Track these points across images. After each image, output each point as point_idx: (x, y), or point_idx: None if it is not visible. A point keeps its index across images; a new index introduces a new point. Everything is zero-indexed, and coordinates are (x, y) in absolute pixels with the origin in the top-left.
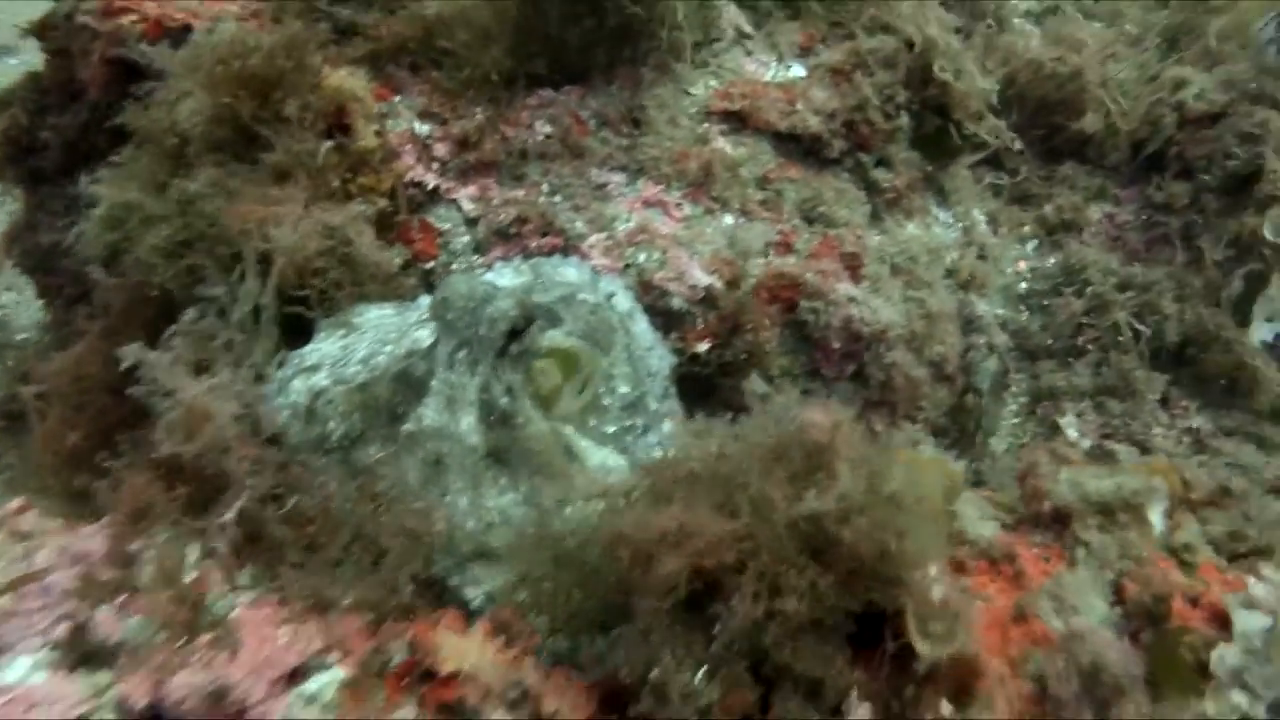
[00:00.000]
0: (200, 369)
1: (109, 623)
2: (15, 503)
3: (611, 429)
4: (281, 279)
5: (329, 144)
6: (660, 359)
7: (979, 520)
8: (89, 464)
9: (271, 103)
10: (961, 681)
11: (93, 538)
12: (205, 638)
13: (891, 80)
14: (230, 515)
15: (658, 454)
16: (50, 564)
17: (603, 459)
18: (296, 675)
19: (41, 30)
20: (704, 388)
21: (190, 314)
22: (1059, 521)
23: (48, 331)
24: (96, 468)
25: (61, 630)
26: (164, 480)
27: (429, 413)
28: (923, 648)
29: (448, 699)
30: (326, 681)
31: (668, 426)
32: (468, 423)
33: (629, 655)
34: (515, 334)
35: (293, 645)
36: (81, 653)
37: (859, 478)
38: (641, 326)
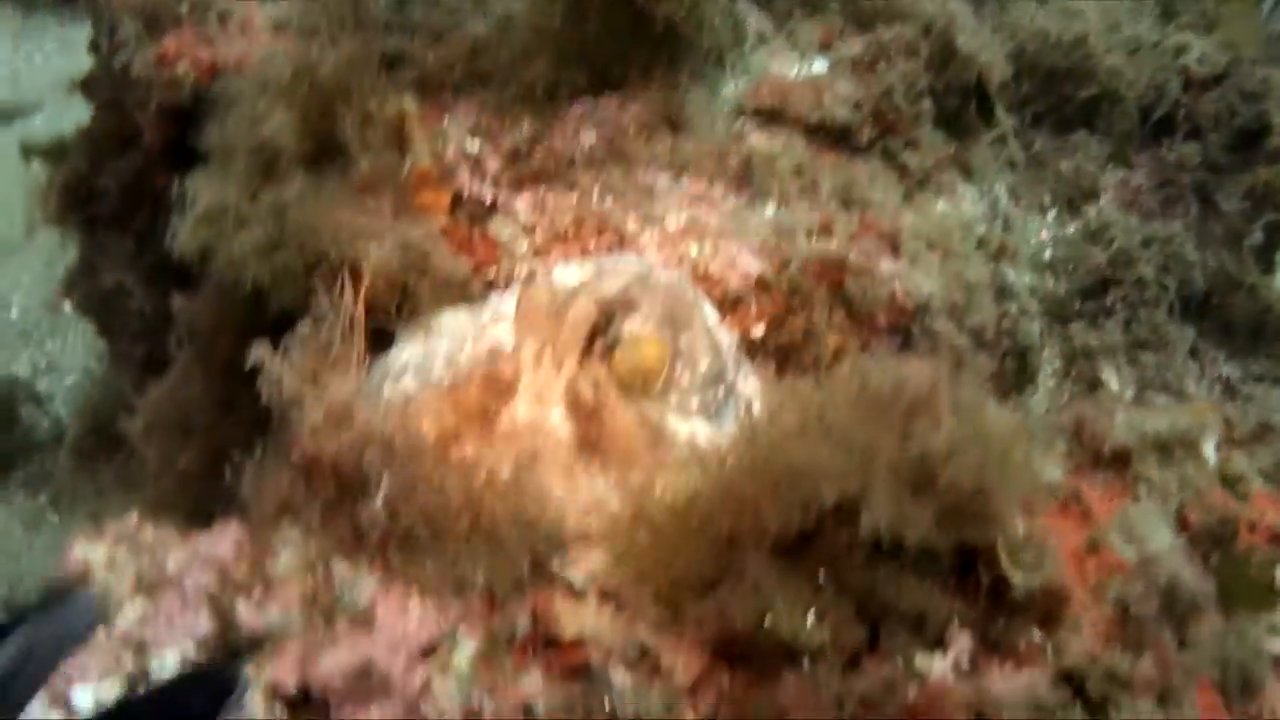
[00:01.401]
0: (312, 378)
1: (251, 615)
2: (133, 517)
3: (696, 402)
4: (371, 291)
5: (425, 157)
6: (726, 335)
7: (1045, 465)
8: (204, 484)
9: (343, 118)
10: (1050, 610)
11: (222, 540)
12: (343, 621)
13: (913, 67)
14: (378, 504)
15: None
16: (182, 568)
17: (691, 430)
18: (431, 650)
19: (87, 87)
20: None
21: (305, 325)
22: (1119, 461)
23: (104, 364)
24: (213, 487)
25: (205, 625)
26: (304, 480)
27: (521, 408)
28: (1016, 578)
29: (573, 662)
30: (459, 654)
31: (750, 389)
32: (557, 415)
33: (740, 606)
34: (596, 331)
35: (425, 623)
36: (228, 646)
37: (962, 421)
38: (708, 305)
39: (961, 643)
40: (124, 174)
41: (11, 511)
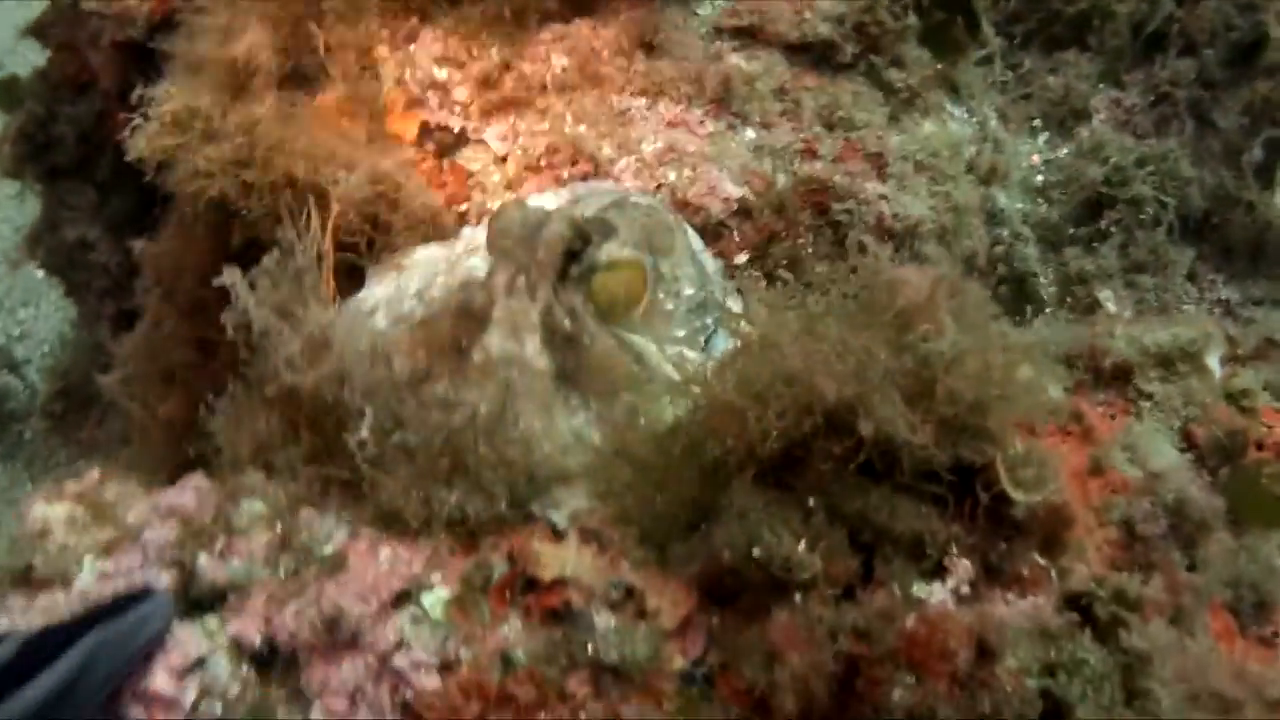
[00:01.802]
0: (282, 312)
1: (213, 567)
2: (94, 473)
3: (681, 332)
4: (340, 221)
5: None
6: (711, 261)
7: (1048, 382)
8: (190, 432)
9: (317, 39)
10: (1052, 532)
11: (182, 492)
12: (310, 570)
13: None
14: (364, 433)
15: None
16: (142, 521)
17: (676, 358)
18: (403, 598)
19: (40, 29)
20: None
21: (272, 256)
22: (1119, 377)
23: (76, 329)
24: (199, 432)
25: (165, 582)
26: (279, 417)
27: (494, 341)
28: (1017, 495)
29: (553, 605)
30: (432, 601)
31: (736, 308)
32: (533, 347)
33: (727, 537)
34: (572, 255)
35: (395, 569)
36: (189, 600)
37: (965, 329)
38: (691, 231)
39: (961, 568)
40: (82, 120)
41: None
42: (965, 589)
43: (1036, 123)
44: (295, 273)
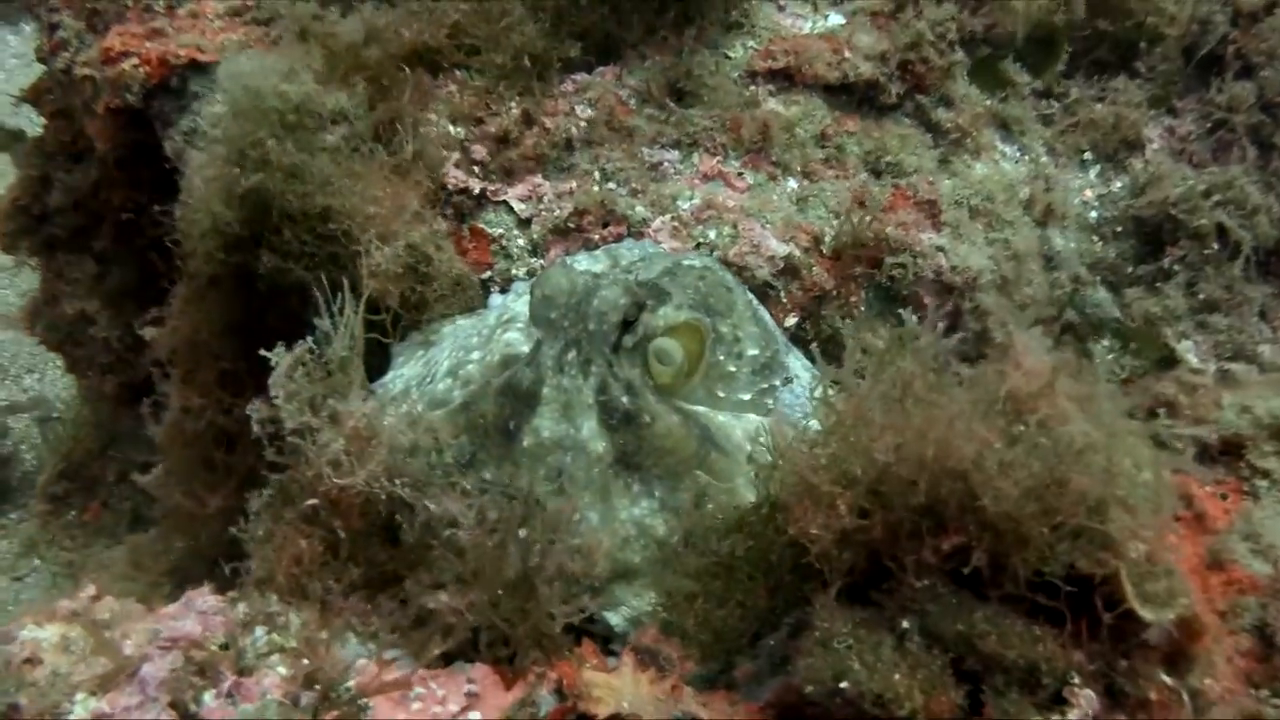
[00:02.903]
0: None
1: (219, 713)
2: (88, 590)
3: (746, 395)
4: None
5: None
6: (771, 319)
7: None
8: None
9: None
10: (1177, 646)
11: (185, 617)
12: (331, 715)
13: (944, 16)
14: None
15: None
16: (141, 653)
17: (746, 426)
18: None
19: (36, 96)
20: None
21: (304, 345)
22: (1229, 453)
23: (84, 404)
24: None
25: None
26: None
27: (545, 424)
28: (1146, 613)
29: None
30: None
31: (806, 376)
32: (589, 429)
33: (810, 665)
34: (627, 324)
35: (428, 710)
36: None
37: (1091, 419)
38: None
39: (1084, 700)
40: (78, 189)
41: None
42: None
43: (1087, 155)
44: (332, 362)
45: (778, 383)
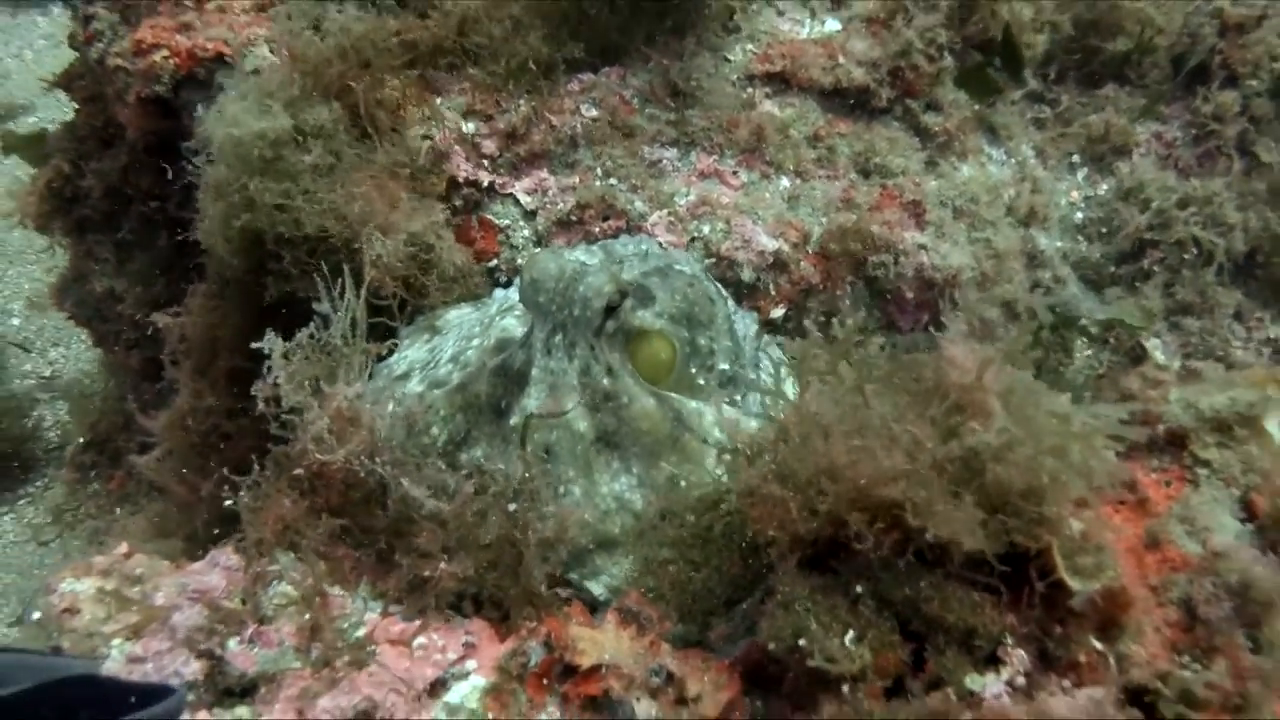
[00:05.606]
0: (313, 389)
1: (243, 657)
2: (121, 547)
3: (709, 407)
4: (372, 286)
5: (428, 143)
6: (744, 322)
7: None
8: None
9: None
10: (1109, 615)
11: (210, 572)
12: (343, 659)
13: (934, 23)
14: (389, 514)
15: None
16: (171, 602)
17: (716, 416)
18: (437, 687)
19: (67, 81)
20: None
21: (306, 331)
22: (1174, 443)
23: (108, 379)
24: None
25: (194, 670)
26: (306, 495)
27: (533, 403)
28: (1074, 583)
29: (592, 692)
30: (468, 690)
31: (767, 381)
32: (573, 408)
33: (773, 627)
34: (610, 310)
35: (429, 657)
36: (219, 690)
37: (1014, 412)
38: (730, 301)
39: (1016, 659)
40: (109, 173)
41: (22, 525)
42: (1020, 680)
43: (1075, 158)
44: (328, 348)
45: (739, 397)
